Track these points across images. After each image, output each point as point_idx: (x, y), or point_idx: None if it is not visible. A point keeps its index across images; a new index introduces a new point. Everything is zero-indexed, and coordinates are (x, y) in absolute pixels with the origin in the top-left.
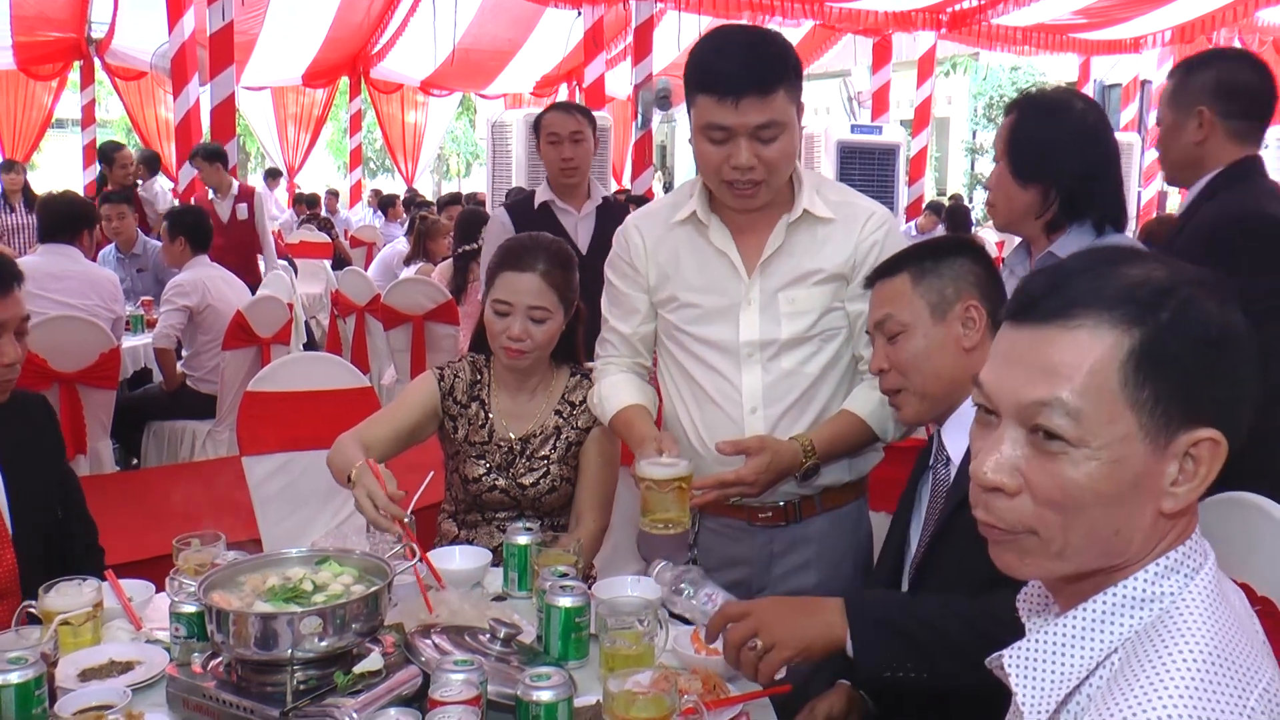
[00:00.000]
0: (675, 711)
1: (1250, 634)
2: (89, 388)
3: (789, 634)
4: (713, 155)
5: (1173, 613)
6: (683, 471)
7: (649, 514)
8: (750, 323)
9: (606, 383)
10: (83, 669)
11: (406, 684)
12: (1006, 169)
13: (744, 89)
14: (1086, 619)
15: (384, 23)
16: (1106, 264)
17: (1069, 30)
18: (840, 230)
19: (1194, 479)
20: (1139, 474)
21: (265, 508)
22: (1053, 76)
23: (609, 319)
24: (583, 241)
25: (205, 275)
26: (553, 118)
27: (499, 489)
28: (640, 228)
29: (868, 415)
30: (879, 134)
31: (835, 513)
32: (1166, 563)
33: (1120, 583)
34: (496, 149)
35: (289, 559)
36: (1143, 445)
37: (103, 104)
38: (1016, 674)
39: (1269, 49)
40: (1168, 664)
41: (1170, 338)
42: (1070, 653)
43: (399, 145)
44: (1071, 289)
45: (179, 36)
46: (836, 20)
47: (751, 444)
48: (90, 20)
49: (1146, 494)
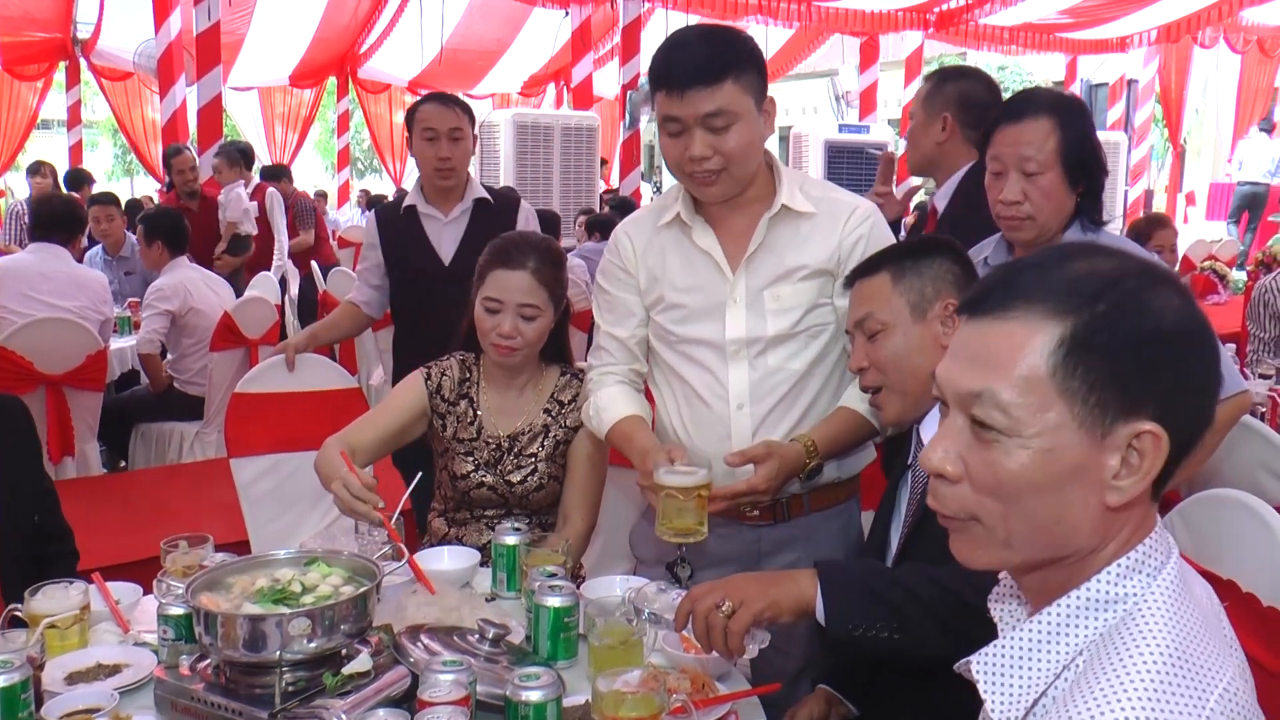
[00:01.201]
0: (664, 710)
1: (1215, 632)
2: (76, 390)
3: (757, 591)
4: (671, 148)
5: (1135, 615)
6: (703, 479)
7: (668, 523)
8: (736, 320)
9: (603, 395)
10: (69, 672)
11: (395, 685)
12: (1060, 178)
13: (689, 80)
14: (1051, 622)
15: (371, 23)
16: (1057, 259)
17: (1055, 30)
18: (823, 225)
19: (1136, 473)
20: (1075, 464)
21: (253, 509)
22: (1039, 76)
23: (603, 326)
24: (446, 250)
25: (185, 278)
26: (429, 111)
27: (487, 486)
28: (629, 233)
29: (868, 411)
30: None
31: (825, 512)
32: (1128, 562)
33: (1083, 584)
34: (484, 149)
35: (277, 560)
36: (1077, 435)
37: (89, 104)
38: (984, 680)
39: (1253, 48)
40: (1128, 666)
41: (1103, 327)
42: (1036, 657)
43: (387, 145)
44: (1018, 283)
45: (165, 36)
46: (823, 21)
47: (759, 452)
48: (76, 20)
49: (1088, 485)
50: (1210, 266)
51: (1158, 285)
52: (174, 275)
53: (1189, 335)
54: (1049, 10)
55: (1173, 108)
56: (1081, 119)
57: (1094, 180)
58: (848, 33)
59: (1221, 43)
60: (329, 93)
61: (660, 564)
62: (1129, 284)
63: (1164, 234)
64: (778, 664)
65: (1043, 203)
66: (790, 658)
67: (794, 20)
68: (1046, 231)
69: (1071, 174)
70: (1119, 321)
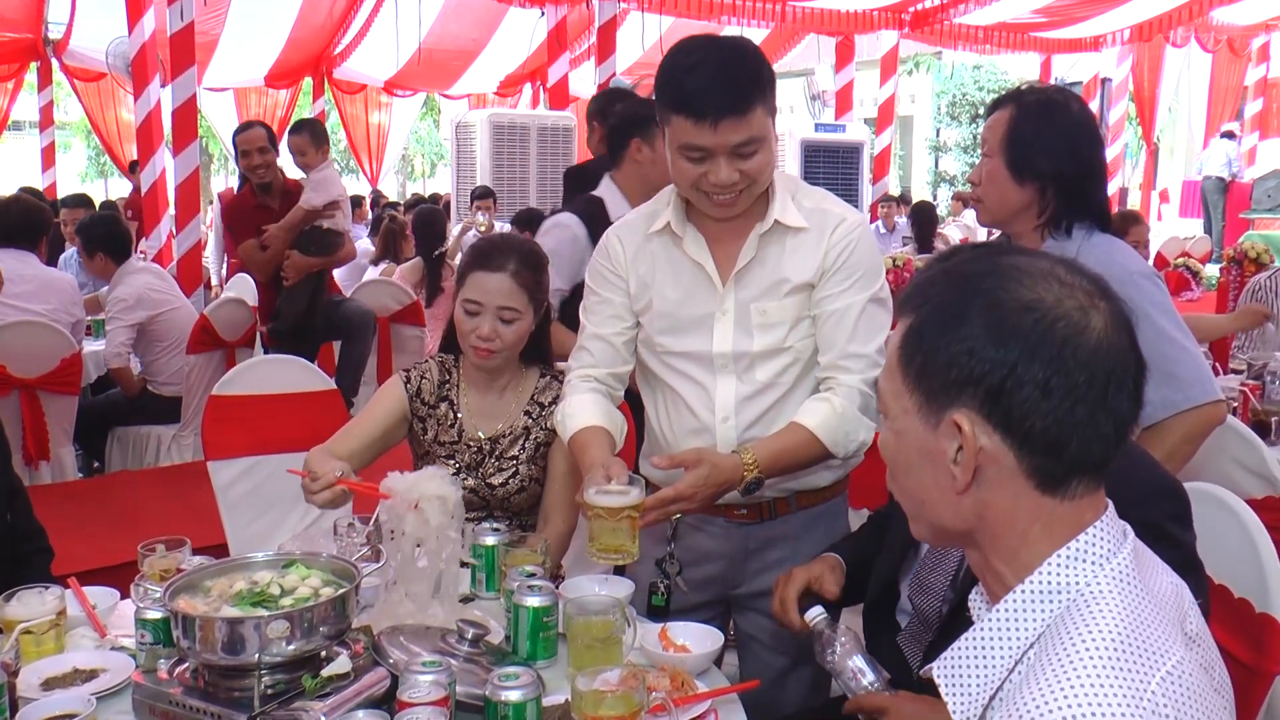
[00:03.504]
0: (643, 708)
1: (1169, 621)
2: (51, 394)
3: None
4: (690, 172)
5: (1080, 602)
6: (632, 501)
7: (596, 542)
8: (724, 334)
9: (572, 401)
10: (46, 678)
11: (375, 686)
12: (1002, 166)
13: (722, 111)
14: (1001, 618)
15: (347, 23)
16: (941, 259)
17: (1030, 29)
18: (812, 238)
19: (963, 459)
20: (920, 448)
21: (231, 512)
22: (1014, 75)
23: (589, 326)
24: None
25: (143, 285)
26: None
27: (468, 488)
28: (620, 237)
29: (817, 427)
30: (843, 132)
31: (811, 510)
32: (1068, 552)
33: (1028, 578)
34: (460, 149)
35: (256, 563)
36: (918, 420)
37: (61, 106)
38: (945, 683)
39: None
40: (1072, 656)
41: (926, 321)
42: (990, 653)
43: (363, 146)
44: (914, 285)
45: (139, 37)
46: (798, 21)
47: (688, 457)
48: (47, 20)
49: (938, 469)
50: (1183, 263)
51: (992, 286)
52: (131, 284)
53: (1018, 334)
54: (1023, 10)
55: (1146, 106)
56: (1039, 118)
57: (1046, 181)
58: (823, 32)
59: (1193, 42)
60: (305, 93)
61: (649, 560)
62: (961, 282)
63: (1137, 230)
64: (769, 661)
65: (988, 187)
66: (782, 655)
67: (769, 20)
68: (994, 218)
69: (1014, 166)
70: (938, 315)
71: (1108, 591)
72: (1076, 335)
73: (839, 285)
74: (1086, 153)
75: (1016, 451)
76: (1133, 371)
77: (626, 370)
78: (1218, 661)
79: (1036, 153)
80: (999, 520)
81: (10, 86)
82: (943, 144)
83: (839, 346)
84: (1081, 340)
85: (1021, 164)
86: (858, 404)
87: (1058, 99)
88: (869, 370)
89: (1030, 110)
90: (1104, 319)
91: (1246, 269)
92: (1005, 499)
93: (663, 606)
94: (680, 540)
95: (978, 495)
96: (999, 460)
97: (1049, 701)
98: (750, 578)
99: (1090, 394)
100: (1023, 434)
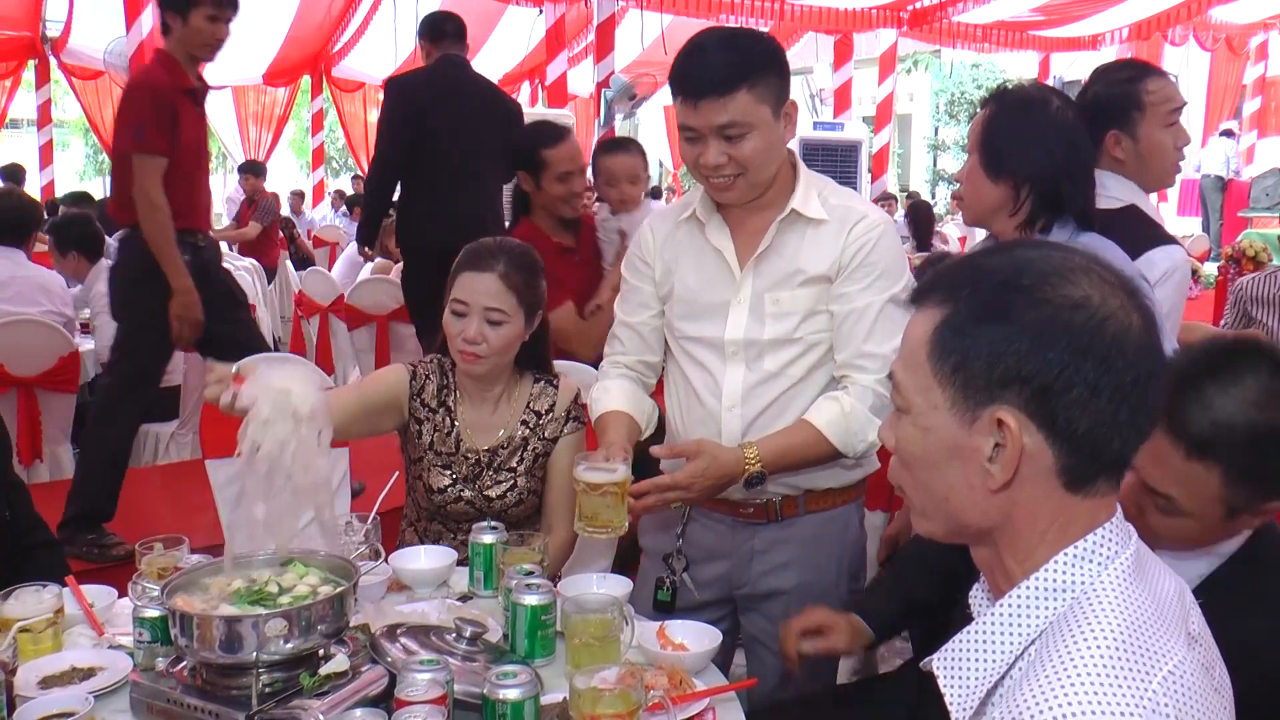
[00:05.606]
0: (641, 707)
1: (1171, 622)
2: (48, 392)
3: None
4: (688, 152)
5: (1083, 601)
6: (616, 478)
7: (583, 518)
8: (737, 321)
9: (601, 386)
10: (43, 676)
11: (373, 684)
12: (978, 163)
13: (702, 90)
14: (1002, 614)
15: (345, 21)
16: (971, 255)
17: (1028, 28)
18: (831, 232)
19: (1002, 459)
20: (951, 445)
21: (229, 510)
22: (1013, 73)
23: (619, 314)
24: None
25: None
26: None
27: (465, 500)
28: (653, 226)
29: (825, 425)
30: (841, 131)
31: (820, 515)
32: (1076, 551)
33: (1033, 574)
34: None
35: (254, 561)
36: (950, 417)
37: (59, 104)
38: (944, 676)
39: (1222, 46)
40: (1074, 653)
41: (967, 316)
42: (990, 648)
43: (361, 144)
44: (936, 276)
45: (137, 35)
46: (797, 19)
47: (689, 448)
48: (45, 19)
49: (969, 467)
50: None
51: (1038, 283)
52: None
53: (1065, 330)
54: (1021, 8)
55: None
56: (1015, 116)
57: (1019, 180)
58: (822, 30)
59: (1191, 40)
60: (303, 91)
61: (658, 555)
62: (1000, 278)
63: None
64: (770, 662)
65: (967, 185)
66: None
67: (768, 18)
68: (974, 216)
69: (988, 164)
70: (979, 311)
71: (1110, 592)
72: (1123, 334)
73: (857, 283)
74: (1063, 152)
75: (1055, 450)
76: (1160, 371)
77: (656, 359)
78: (1218, 661)
79: (1010, 151)
80: (1024, 518)
81: (8, 84)
82: (941, 142)
83: (855, 345)
84: (1128, 339)
85: (995, 162)
86: (870, 404)
87: (1038, 97)
88: (884, 371)
89: (1008, 108)
90: (1140, 317)
91: (1244, 267)
92: (1035, 497)
93: (668, 602)
94: (689, 538)
95: (1009, 494)
96: (1036, 459)
97: (1049, 699)
98: (755, 579)
99: (1134, 394)
100: (1067, 434)
